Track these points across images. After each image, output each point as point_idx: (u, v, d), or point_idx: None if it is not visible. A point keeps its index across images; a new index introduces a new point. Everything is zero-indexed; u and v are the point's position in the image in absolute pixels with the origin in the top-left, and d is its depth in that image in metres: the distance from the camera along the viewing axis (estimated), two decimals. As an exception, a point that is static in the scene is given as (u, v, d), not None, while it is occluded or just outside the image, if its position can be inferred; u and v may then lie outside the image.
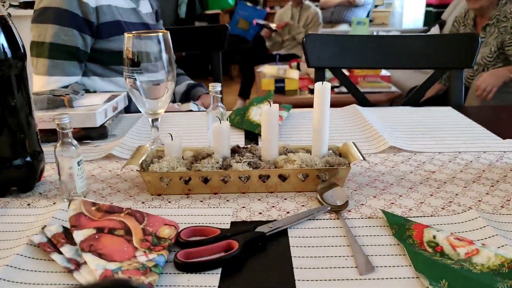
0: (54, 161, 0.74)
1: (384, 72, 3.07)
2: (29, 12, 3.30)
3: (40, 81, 1.35)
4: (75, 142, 0.73)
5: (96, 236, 0.59)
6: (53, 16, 1.34)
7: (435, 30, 4.27)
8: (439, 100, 2.71)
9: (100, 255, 0.56)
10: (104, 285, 0.23)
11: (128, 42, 0.86)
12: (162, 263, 0.56)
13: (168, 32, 0.89)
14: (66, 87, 1.32)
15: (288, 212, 0.70)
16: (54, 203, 0.75)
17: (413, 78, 3.39)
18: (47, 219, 0.67)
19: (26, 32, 1.34)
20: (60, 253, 0.58)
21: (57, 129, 0.72)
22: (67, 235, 0.61)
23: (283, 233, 0.64)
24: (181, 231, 0.63)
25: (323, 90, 0.77)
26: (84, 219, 0.61)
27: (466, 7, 2.70)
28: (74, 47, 1.36)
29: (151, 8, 1.63)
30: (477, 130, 1.07)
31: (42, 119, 1.01)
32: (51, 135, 1.02)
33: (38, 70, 1.36)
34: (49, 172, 0.87)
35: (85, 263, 0.56)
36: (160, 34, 0.88)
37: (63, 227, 0.62)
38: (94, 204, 0.64)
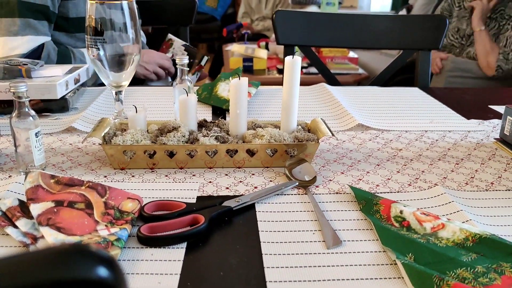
0: (10, 133, 0.70)
1: (352, 54, 3.08)
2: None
3: (10, 42, 1.24)
4: (33, 112, 0.69)
5: (55, 210, 0.56)
6: None
7: (402, 14, 4.31)
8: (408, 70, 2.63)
9: (58, 229, 0.53)
10: (61, 249, 0.21)
11: (91, 9, 0.82)
12: (124, 237, 0.54)
13: (134, 0, 0.86)
14: (39, 47, 1.24)
15: (256, 187, 0.69)
16: (9, 176, 0.71)
17: (379, 61, 3.42)
18: (1, 192, 0.63)
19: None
20: (16, 227, 0.55)
21: (13, 98, 0.68)
22: (23, 208, 0.57)
23: (251, 208, 0.63)
24: (145, 205, 0.60)
25: (293, 63, 0.75)
26: (42, 192, 0.58)
27: None
28: (44, 6, 1.26)
29: None
30: (443, 110, 1.08)
31: (-2, 89, 0.95)
32: (7, 107, 0.97)
33: (5, 31, 1.24)
34: (5, 144, 0.83)
35: (42, 237, 0.53)
36: (125, 2, 0.84)
37: (19, 200, 0.59)
38: (53, 176, 0.61)
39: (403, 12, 4.36)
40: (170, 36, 1.58)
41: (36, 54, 1.24)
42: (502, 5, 2.34)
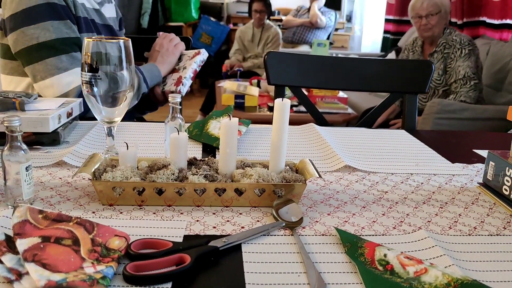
0: (0, 165, 0.71)
1: (341, 94, 3.15)
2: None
3: (64, 78, 1.25)
4: (24, 146, 0.70)
5: (41, 245, 0.56)
6: (46, 13, 1.26)
7: (391, 56, 4.43)
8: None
9: (44, 265, 0.53)
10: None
11: (87, 47, 0.84)
12: (110, 275, 0.54)
13: (130, 39, 0.88)
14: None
15: (243, 227, 0.69)
16: (-3, 210, 0.71)
17: (368, 101, 3.49)
18: (-12, 226, 0.63)
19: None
20: (1, 262, 0.55)
21: (6, 131, 0.69)
22: (10, 243, 0.57)
23: (237, 248, 0.63)
24: (132, 243, 0.61)
25: (282, 106, 0.78)
26: (29, 227, 0.58)
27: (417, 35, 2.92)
28: (77, 38, 1.30)
29: (115, 13, 1.60)
30: (429, 153, 1.11)
31: (-10, 121, 0.96)
32: (-2, 139, 0.98)
33: (55, 70, 1.25)
34: (-6, 177, 0.83)
35: (27, 273, 0.53)
36: (121, 41, 0.86)
37: (6, 235, 0.59)
38: (41, 211, 0.61)
39: (392, 54, 4.48)
40: None
41: None
42: (443, 38, 2.73)
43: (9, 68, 1.38)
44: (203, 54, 1.52)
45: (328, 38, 5.39)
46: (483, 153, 1.12)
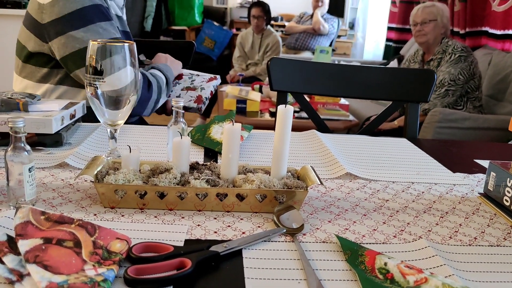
0: (3, 166, 0.71)
1: (343, 101, 3.15)
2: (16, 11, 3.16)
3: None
4: (28, 147, 0.70)
5: (43, 247, 0.56)
6: (94, 15, 1.26)
7: (393, 63, 4.44)
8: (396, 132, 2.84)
9: (45, 267, 0.53)
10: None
11: (92, 49, 0.85)
12: (111, 278, 0.54)
13: (135, 43, 0.89)
14: None
15: (243, 233, 0.70)
16: (-1, 210, 0.71)
17: (370, 108, 3.49)
18: (-10, 226, 0.63)
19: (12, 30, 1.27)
20: (2, 263, 0.55)
21: (10, 132, 0.69)
22: (11, 244, 0.58)
23: (238, 254, 0.63)
24: (133, 246, 0.61)
25: (285, 113, 0.78)
26: (31, 228, 0.59)
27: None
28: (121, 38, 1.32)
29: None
30: (430, 162, 1.11)
31: (-6, 121, 0.96)
32: (1, 139, 0.98)
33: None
34: (-3, 177, 0.83)
35: (28, 274, 0.53)
36: (126, 44, 0.87)
37: (8, 235, 0.59)
38: (43, 213, 0.61)
39: (394, 61, 4.49)
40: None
41: None
42: (440, 47, 2.80)
43: (26, 72, 1.38)
44: (218, 80, 1.66)
45: (330, 45, 5.40)
46: (484, 163, 1.12)
